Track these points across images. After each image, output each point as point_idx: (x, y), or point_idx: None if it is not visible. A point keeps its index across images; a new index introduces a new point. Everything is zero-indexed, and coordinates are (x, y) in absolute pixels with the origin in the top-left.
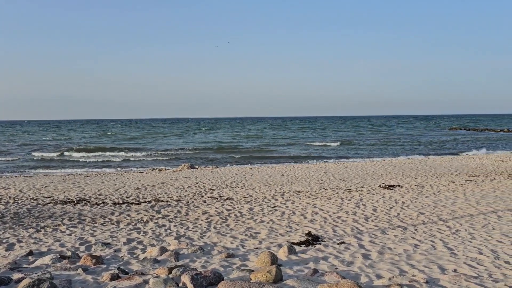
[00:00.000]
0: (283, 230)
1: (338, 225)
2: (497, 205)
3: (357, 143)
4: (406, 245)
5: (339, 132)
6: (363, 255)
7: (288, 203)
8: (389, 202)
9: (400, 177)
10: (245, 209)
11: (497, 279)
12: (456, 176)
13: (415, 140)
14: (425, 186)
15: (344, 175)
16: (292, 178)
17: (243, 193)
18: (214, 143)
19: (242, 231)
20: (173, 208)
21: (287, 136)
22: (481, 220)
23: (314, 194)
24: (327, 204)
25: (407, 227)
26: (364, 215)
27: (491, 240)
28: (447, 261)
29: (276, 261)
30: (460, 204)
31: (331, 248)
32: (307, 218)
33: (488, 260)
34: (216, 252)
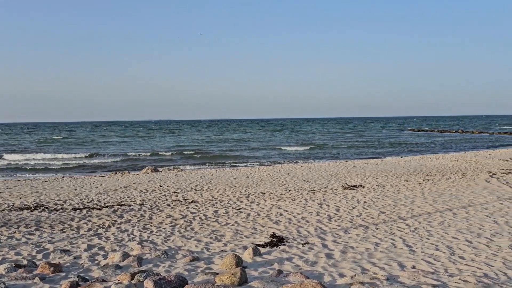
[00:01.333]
0: (248, 232)
1: (302, 226)
2: (452, 203)
3: (325, 145)
4: (367, 244)
5: (306, 134)
6: (327, 254)
7: (253, 205)
8: (352, 202)
9: (362, 178)
10: (210, 212)
11: (453, 274)
12: (415, 176)
13: (380, 141)
14: (385, 186)
15: (308, 176)
16: (257, 180)
17: (208, 196)
18: (179, 146)
19: (207, 234)
20: (136, 212)
21: (254, 139)
22: (438, 217)
23: (278, 195)
24: (291, 205)
25: (368, 226)
26: (328, 215)
27: (447, 237)
28: (406, 258)
29: (241, 263)
30: (419, 202)
31: (296, 249)
32: (272, 219)
33: (444, 256)
34: (180, 256)
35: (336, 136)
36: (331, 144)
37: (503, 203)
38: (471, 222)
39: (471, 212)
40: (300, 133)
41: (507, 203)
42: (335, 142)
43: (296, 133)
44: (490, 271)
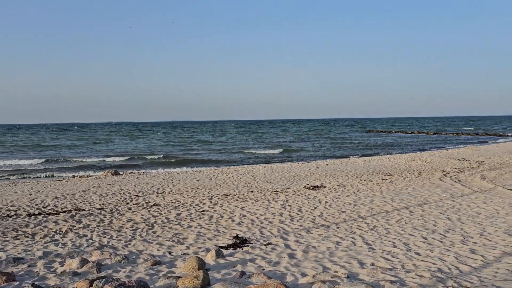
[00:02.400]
0: (211, 234)
1: (265, 227)
2: (409, 201)
3: (294, 146)
4: (329, 243)
5: (270, 135)
6: (289, 254)
7: (216, 207)
8: (313, 202)
9: (323, 178)
10: (173, 215)
11: (409, 270)
12: (374, 176)
13: (346, 142)
14: (346, 186)
15: (271, 177)
16: (220, 182)
17: (171, 199)
18: (140, 149)
19: (169, 237)
20: (95, 217)
21: (216, 141)
22: (396, 215)
23: (242, 197)
24: (254, 206)
25: (330, 225)
26: (290, 216)
27: (404, 234)
28: (365, 255)
29: (203, 265)
30: (377, 201)
31: (258, 250)
32: (235, 221)
33: (401, 252)
34: (141, 261)
35: (305, 138)
36: (300, 145)
37: (455, 201)
38: (426, 219)
39: (426, 210)
40: (265, 134)
41: (459, 200)
42: (303, 144)
43: (259, 134)
44: (443, 266)
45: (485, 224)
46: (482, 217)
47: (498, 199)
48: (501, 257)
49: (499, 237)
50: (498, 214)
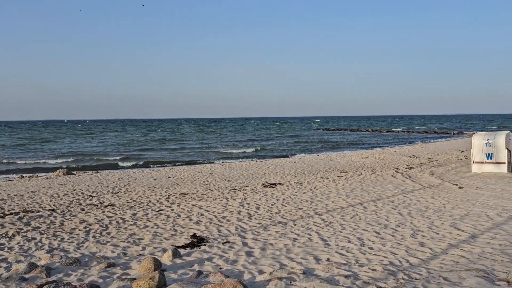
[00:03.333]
0: (168, 234)
1: (223, 225)
2: (363, 197)
3: (267, 144)
4: (286, 240)
5: (230, 133)
6: (247, 252)
7: (174, 206)
8: (271, 200)
9: (281, 176)
10: (128, 215)
11: (363, 264)
12: (330, 173)
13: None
14: (303, 183)
15: (229, 176)
16: (178, 181)
17: (126, 198)
18: (96, 147)
19: (124, 238)
20: (45, 219)
21: (172, 139)
22: (350, 211)
23: (200, 195)
24: (212, 205)
25: (287, 222)
26: (248, 214)
27: (358, 229)
28: (321, 251)
29: (159, 266)
30: (333, 198)
31: (216, 249)
32: (192, 220)
33: (355, 247)
34: (94, 263)
35: (269, 137)
36: (266, 144)
37: (406, 196)
38: (379, 215)
39: (379, 205)
40: (226, 133)
41: (409, 196)
42: (268, 142)
43: (221, 133)
44: (395, 259)
45: (433, 218)
46: (431, 211)
47: (445, 194)
48: (447, 249)
49: (446, 230)
50: (445, 208)
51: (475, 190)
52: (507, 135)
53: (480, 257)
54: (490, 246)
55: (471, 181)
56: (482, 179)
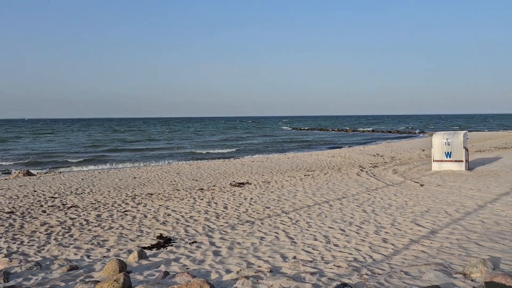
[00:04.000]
0: (134, 235)
1: (190, 225)
2: (329, 195)
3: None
4: (253, 239)
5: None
6: (214, 252)
7: (140, 206)
8: (239, 199)
9: (249, 175)
10: (92, 216)
11: (328, 261)
12: (297, 172)
13: (269, 139)
14: (270, 182)
15: (197, 175)
16: (144, 181)
17: (90, 199)
18: (57, 147)
19: (88, 240)
20: (3, 222)
21: (135, 140)
22: (317, 210)
23: (167, 195)
24: (179, 205)
25: (254, 221)
26: (216, 213)
27: (324, 227)
28: (288, 249)
29: (125, 268)
30: (300, 196)
31: (183, 249)
32: (159, 220)
33: (321, 245)
34: (56, 266)
35: (243, 136)
36: (240, 143)
37: (370, 194)
38: (344, 212)
39: (345, 203)
40: (193, 132)
41: (373, 193)
42: (246, 142)
43: (192, 133)
44: (359, 256)
45: (395, 215)
46: (393, 209)
47: (407, 192)
48: (408, 244)
49: (407, 226)
50: (407, 205)
51: (435, 188)
52: (464, 134)
53: (439, 252)
54: (448, 241)
55: (432, 178)
56: (442, 176)
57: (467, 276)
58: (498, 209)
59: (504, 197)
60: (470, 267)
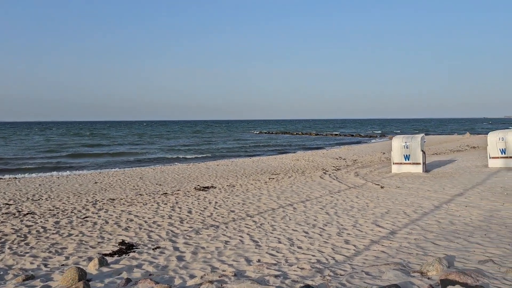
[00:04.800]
0: (95, 241)
1: (153, 230)
2: (293, 198)
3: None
4: (218, 243)
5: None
6: (178, 257)
7: (101, 212)
8: (204, 203)
9: (214, 179)
10: (50, 223)
11: (292, 263)
12: (262, 175)
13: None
14: (235, 186)
15: (160, 180)
16: (106, 186)
17: (48, 206)
18: (14, 152)
19: (45, 248)
20: None
21: (96, 143)
22: (281, 212)
23: (129, 200)
24: (142, 210)
25: (219, 225)
26: (180, 218)
27: (288, 230)
28: (252, 253)
29: (84, 276)
30: (265, 200)
31: (146, 255)
32: (121, 226)
33: (285, 247)
34: (11, 276)
35: (213, 140)
36: (207, 147)
37: (333, 196)
38: (308, 215)
39: (308, 206)
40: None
41: (336, 196)
42: (218, 146)
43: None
44: (322, 257)
45: (357, 217)
46: (355, 210)
47: (368, 194)
48: (369, 245)
49: (368, 228)
50: (368, 207)
51: (395, 189)
52: (421, 138)
53: (398, 252)
54: (406, 241)
55: (391, 181)
56: (401, 178)
57: (424, 275)
58: (452, 209)
59: (458, 198)
60: (427, 265)
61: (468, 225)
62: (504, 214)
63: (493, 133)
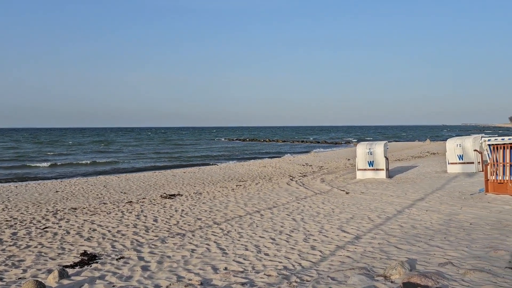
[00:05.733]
0: (55, 253)
1: (117, 240)
2: (260, 205)
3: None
4: (184, 251)
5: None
6: (142, 267)
7: (62, 222)
8: (170, 211)
9: (180, 186)
10: (7, 235)
11: (259, 270)
12: (229, 182)
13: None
14: (202, 193)
15: (125, 188)
16: (67, 195)
17: (5, 216)
18: None
19: (1, 261)
20: None
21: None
22: (248, 219)
23: (92, 209)
24: (106, 219)
25: (185, 233)
26: (145, 227)
27: (255, 237)
28: (219, 261)
29: None
30: (232, 207)
31: (109, 265)
32: (83, 236)
33: (252, 254)
34: None
35: (178, 149)
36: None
37: (300, 203)
38: (275, 221)
39: (275, 212)
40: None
41: (303, 202)
42: (182, 152)
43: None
44: (288, 264)
45: (323, 222)
46: (321, 216)
47: (334, 199)
48: (335, 250)
49: (334, 233)
50: (334, 213)
51: (359, 195)
52: (385, 144)
53: (362, 256)
54: (371, 246)
55: (356, 186)
56: (365, 184)
57: (388, 278)
58: (414, 213)
59: (419, 202)
60: (390, 269)
61: (428, 228)
62: (462, 217)
63: (451, 140)
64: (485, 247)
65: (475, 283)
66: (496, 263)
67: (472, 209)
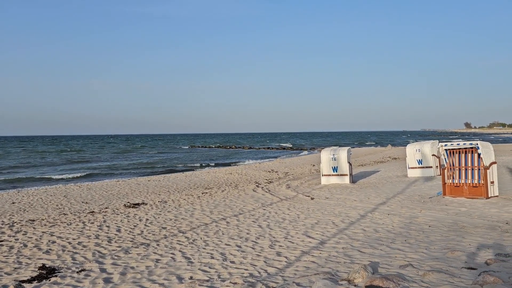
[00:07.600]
0: (11, 267)
1: (78, 252)
2: (226, 212)
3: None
4: (148, 262)
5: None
6: (105, 279)
7: (19, 235)
8: (134, 221)
9: (145, 195)
10: None
11: (225, 278)
12: (195, 190)
13: (162, 158)
14: (167, 201)
15: (87, 197)
16: (25, 206)
17: None
18: None
19: None
20: None
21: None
22: (214, 227)
23: (52, 221)
24: (66, 230)
25: (150, 243)
26: (108, 237)
27: (221, 244)
28: (184, 270)
29: None
30: (197, 215)
31: (70, 279)
32: (42, 249)
33: (218, 262)
34: None
35: (142, 156)
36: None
37: (266, 209)
38: (241, 228)
39: (241, 219)
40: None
41: (269, 208)
42: (144, 160)
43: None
44: (254, 271)
45: (289, 228)
46: (287, 222)
47: (299, 205)
48: (300, 256)
49: (299, 239)
50: (299, 218)
51: (324, 200)
52: (348, 150)
53: (327, 261)
54: (335, 250)
55: (321, 192)
56: (330, 190)
57: (351, 282)
58: (376, 217)
59: (381, 207)
60: (353, 273)
61: (390, 232)
62: (421, 220)
63: (411, 145)
64: (443, 249)
65: (433, 283)
66: (453, 264)
67: (431, 212)
